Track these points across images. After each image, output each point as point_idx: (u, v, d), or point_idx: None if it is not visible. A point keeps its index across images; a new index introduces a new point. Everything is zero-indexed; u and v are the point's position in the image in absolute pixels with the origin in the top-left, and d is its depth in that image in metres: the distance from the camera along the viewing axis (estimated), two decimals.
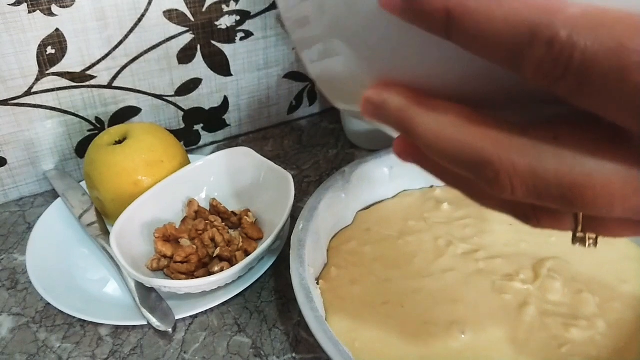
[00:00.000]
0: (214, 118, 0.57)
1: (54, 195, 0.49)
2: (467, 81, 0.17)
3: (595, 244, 0.19)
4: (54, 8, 0.43)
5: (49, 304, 0.38)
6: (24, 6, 0.41)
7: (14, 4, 0.41)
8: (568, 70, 0.13)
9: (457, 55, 0.16)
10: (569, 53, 0.13)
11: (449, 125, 0.17)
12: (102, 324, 0.38)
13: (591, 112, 0.14)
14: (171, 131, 0.48)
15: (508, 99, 0.17)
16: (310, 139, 0.60)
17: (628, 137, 0.15)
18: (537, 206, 0.18)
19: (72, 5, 0.43)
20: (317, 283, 0.37)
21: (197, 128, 0.56)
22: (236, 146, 0.47)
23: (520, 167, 0.15)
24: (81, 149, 0.50)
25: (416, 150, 0.19)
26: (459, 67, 0.16)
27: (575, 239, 0.19)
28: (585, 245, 0.19)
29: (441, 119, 0.17)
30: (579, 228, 0.18)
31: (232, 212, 0.44)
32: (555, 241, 0.42)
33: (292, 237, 0.37)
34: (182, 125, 0.55)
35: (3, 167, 0.47)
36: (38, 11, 0.42)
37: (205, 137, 0.58)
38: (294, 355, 0.36)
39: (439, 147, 0.17)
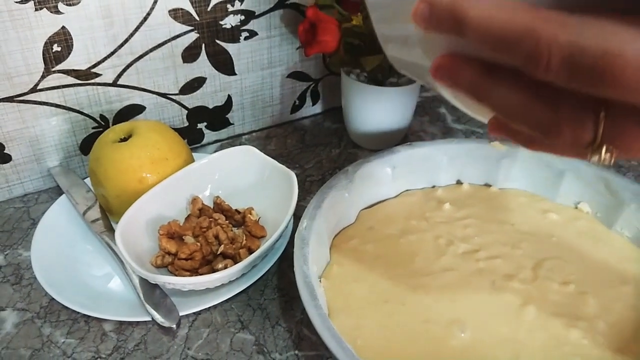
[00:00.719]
0: (217, 117, 0.57)
1: (58, 191, 0.49)
2: None
3: (611, 159, 0.19)
4: (61, 6, 0.43)
5: (53, 299, 0.39)
6: (31, 4, 0.42)
7: (20, 2, 0.41)
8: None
9: None
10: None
11: (501, 6, 0.18)
12: (106, 320, 0.38)
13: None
14: (175, 129, 0.48)
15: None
16: (313, 138, 0.60)
17: None
18: (561, 109, 0.19)
19: (78, 3, 0.44)
20: (320, 281, 0.37)
21: (201, 126, 0.57)
22: (239, 145, 0.47)
23: (561, 37, 0.17)
24: (85, 146, 0.51)
25: (452, 61, 0.21)
26: None
27: (592, 149, 0.19)
28: (600, 159, 0.19)
29: (495, 2, 0.18)
30: (599, 134, 0.19)
31: (236, 210, 0.44)
32: (555, 241, 0.42)
33: (295, 235, 0.37)
34: (186, 124, 0.56)
35: (8, 164, 0.48)
36: (45, 9, 0.42)
37: (209, 136, 0.58)
38: (296, 352, 0.36)
39: (487, 27, 0.18)
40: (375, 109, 0.53)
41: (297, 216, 0.41)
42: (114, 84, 0.49)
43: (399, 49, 0.25)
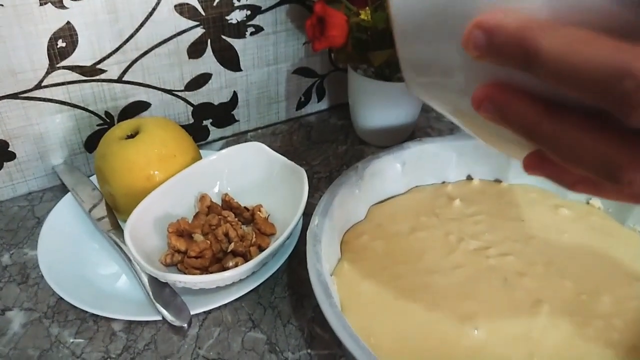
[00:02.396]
0: (223, 113, 0.56)
1: (62, 189, 0.48)
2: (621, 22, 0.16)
3: None
4: (66, 1, 0.42)
5: (60, 299, 0.38)
6: None
7: None
8: None
9: None
10: None
11: (582, 40, 0.16)
12: (115, 319, 0.37)
13: None
14: (180, 126, 0.47)
15: None
16: (320, 135, 0.59)
17: None
18: (636, 153, 0.17)
19: None
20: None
21: (206, 123, 0.56)
22: (244, 142, 0.47)
23: None
24: (90, 144, 0.50)
25: (503, 93, 0.18)
26: None
27: None
28: None
29: (573, 34, 0.16)
30: None
31: (245, 207, 0.44)
32: (567, 237, 0.41)
33: (307, 232, 0.36)
34: (191, 121, 0.55)
35: (12, 161, 0.47)
36: (49, 3, 0.42)
37: (214, 133, 0.57)
38: (309, 351, 0.36)
39: (569, 63, 0.16)
40: (383, 104, 0.53)
41: (305, 214, 0.40)
42: (119, 80, 0.48)
43: (431, 76, 0.21)
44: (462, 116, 0.23)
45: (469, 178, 0.48)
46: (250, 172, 0.45)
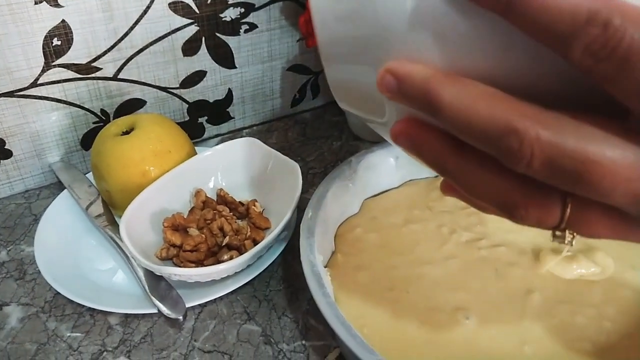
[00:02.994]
0: (218, 110, 0.57)
1: (59, 187, 0.49)
2: (507, 72, 0.18)
3: (572, 243, 0.20)
4: None
5: (57, 294, 0.38)
6: None
7: None
8: (613, 53, 0.15)
9: (507, 44, 0.17)
10: (619, 37, 0.15)
11: (478, 96, 0.17)
12: (111, 313, 0.38)
13: (617, 98, 0.16)
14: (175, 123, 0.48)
15: (538, 94, 0.18)
16: (314, 131, 0.60)
17: None
18: (528, 194, 0.19)
19: None
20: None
21: (202, 121, 0.57)
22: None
23: (543, 138, 0.16)
24: (86, 141, 0.50)
25: (417, 129, 0.20)
26: (504, 57, 0.17)
27: (555, 236, 0.20)
28: (564, 242, 0.20)
29: (470, 90, 0.17)
30: (565, 219, 0.19)
31: (240, 202, 0.44)
32: None
33: (301, 225, 0.37)
34: (187, 118, 0.55)
35: (9, 159, 0.47)
36: (44, 2, 0.42)
37: (210, 130, 0.58)
38: (303, 342, 0.36)
39: (465, 117, 0.17)
40: None
41: (299, 208, 0.41)
42: (115, 78, 0.49)
43: (354, 101, 0.23)
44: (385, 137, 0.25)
45: None
46: (245, 167, 0.46)
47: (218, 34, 0.52)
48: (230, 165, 0.46)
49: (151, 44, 0.49)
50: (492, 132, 0.17)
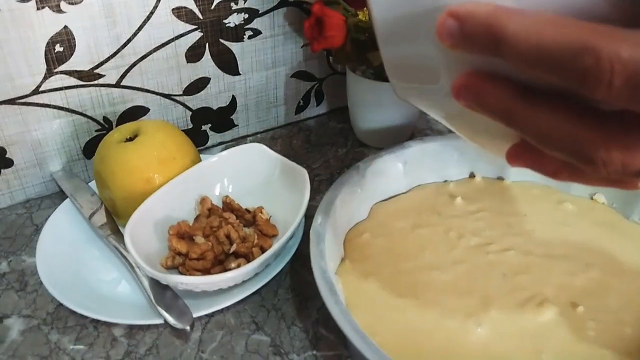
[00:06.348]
0: (221, 118, 0.56)
1: (61, 197, 0.48)
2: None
3: None
4: (63, 5, 0.42)
5: (60, 305, 0.37)
6: (32, 3, 0.41)
7: (22, 1, 0.40)
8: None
9: None
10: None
11: (545, 22, 0.16)
12: (115, 324, 0.37)
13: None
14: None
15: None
16: (319, 138, 0.59)
17: None
18: (609, 133, 0.17)
19: (81, 2, 0.43)
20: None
21: (205, 128, 0.56)
22: None
23: (623, 53, 0.15)
24: (89, 150, 0.50)
25: (480, 80, 0.19)
26: None
27: None
28: None
29: (536, 18, 0.16)
30: None
31: (246, 209, 0.43)
32: (570, 231, 0.41)
33: (310, 231, 0.36)
34: (190, 125, 0.55)
35: (9, 169, 0.47)
36: (47, 8, 0.42)
37: (213, 138, 0.57)
38: (314, 352, 0.35)
39: (534, 44, 0.16)
40: (382, 106, 0.53)
41: (307, 215, 0.40)
42: (118, 85, 0.48)
43: (413, 79, 0.22)
44: (447, 116, 0.24)
45: (472, 176, 0.48)
46: (251, 174, 0.45)
47: (222, 40, 0.51)
48: (236, 172, 0.45)
49: (154, 50, 0.48)
50: (564, 55, 0.15)
